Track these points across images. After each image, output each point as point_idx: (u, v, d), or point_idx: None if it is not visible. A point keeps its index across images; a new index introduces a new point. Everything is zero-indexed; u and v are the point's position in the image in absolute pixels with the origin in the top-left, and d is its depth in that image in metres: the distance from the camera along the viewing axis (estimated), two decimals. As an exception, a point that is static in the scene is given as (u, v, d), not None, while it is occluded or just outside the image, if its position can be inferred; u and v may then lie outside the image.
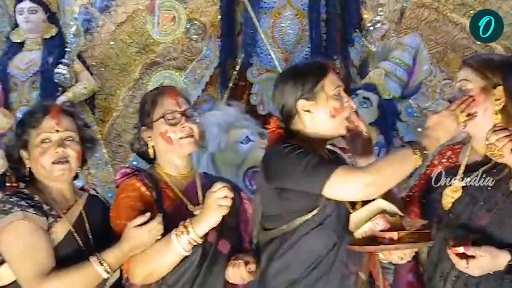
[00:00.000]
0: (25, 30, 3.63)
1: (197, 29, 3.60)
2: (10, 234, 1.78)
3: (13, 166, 1.94)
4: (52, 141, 1.87)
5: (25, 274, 1.78)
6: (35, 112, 1.91)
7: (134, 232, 1.77)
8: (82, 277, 1.79)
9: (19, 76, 3.59)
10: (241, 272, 1.82)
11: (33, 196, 1.85)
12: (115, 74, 4.08)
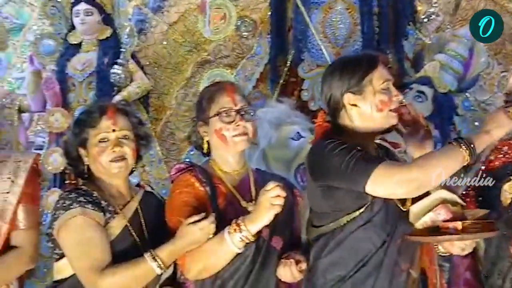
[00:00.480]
0: (81, 31, 3.71)
1: (247, 26, 3.60)
2: (69, 230, 1.84)
3: (72, 163, 2.01)
4: (109, 140, 1.93)
5: (82, 269, 1.83)
6: (93, 112, 1.97)
7: (187, 229, 1.80)
8: (137, 273, 1.82)
9: (76, 76, 3.67)
10: (292, 271, 1.82)
11: (92, 192, 1.91)
12: (168, 73, 4.14)
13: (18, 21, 4.31)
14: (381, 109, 1.77)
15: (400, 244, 1.77)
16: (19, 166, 2.00)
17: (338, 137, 1.77)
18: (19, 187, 1.96)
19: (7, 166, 1.99)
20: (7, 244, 1.95)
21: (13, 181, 1.96)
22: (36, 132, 4.19)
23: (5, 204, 1.94)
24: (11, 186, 1.96)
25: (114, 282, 1.80)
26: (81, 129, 1.96)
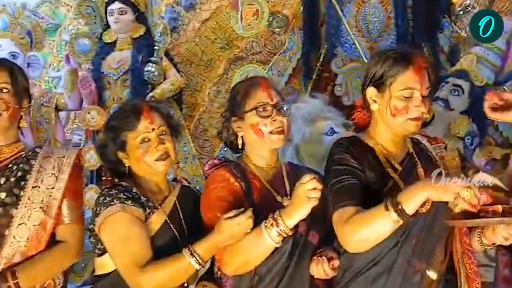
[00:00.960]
0: (115, 30, 3.77)
1: (279, 22, 3.59)
2: (110, 226, 1.87)
3: (111, 166, 2.04)
4: (151, 140, 1.95)
5: (124, 264, 1.86)
6: (128, 115, 1.98)
7: (225, 224, 1.79)
8: (176, 269, 1.83)
9: (111, 74, 3.73)
10: (324, 269, 1.82)
11: (131, 188, 1.94)
12: (200, 70, 4.17)
13: (54, 21, 4.40)
14: (394, 115, 1.77)
15: (415, 245, 1.76)
16: (63, 161, 2.02)
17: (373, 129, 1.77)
18: (63, 183, 1.99)
19: (51, 162, 2.01)
20: (53, 238, 1.98)
21: (57, 176, 1.99)
22: (73, 129, 4.28)
23: (50, 199, 1.97)
24: (56, 182, 1.98)
25: (155, 277, 1.82)
26: (118, 133, 1.97)
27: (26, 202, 1.93)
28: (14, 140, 2.04)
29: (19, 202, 1.93)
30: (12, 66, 2.05)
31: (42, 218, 1.94)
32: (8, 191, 1.94)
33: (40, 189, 1.96)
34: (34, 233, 1.93)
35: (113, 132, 1.98)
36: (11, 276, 1.85)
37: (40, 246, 1.94)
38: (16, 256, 1.90)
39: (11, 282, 1.85)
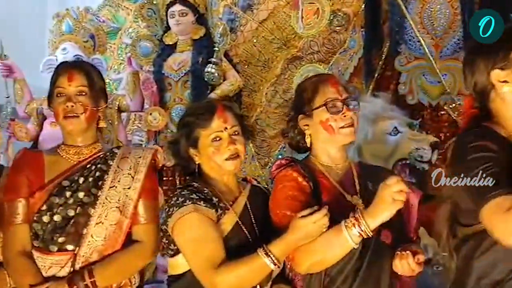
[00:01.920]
0: (176, 32, 3.81)
1: (340, 20, 3.55)
2: (183, 226, 1.86)
3: (183, 163, 2.04)
4: (222, 139, 1.95)
5: (198, 265, 1.85)
6: (202, 113, 1.98)
7: (300, 223, 1.76)
8: (251, 269, 1.81)
9: (172, 76, 3.78)
10: (409, 263, 1.76)
11: (203, 189, 1.93)
12: (258, 70, 4.17)
13: (115, 24, 4.48)
14: None
15: None
16: (139, 162, 2.05)
17: (486, 124, 1.65)
18: (139, 183, 2.01)
19: (128, 162, 2.04)
20: (128, 238, 2.01)
21: (133, 176, 2.01)
22: (133, 131, 4.35)
23: (126, 199, 1.99)
24: (132, 182, 2.01)
25: (230, 278, 1.80)
26: (191, 130, 1.97)
27: (103, 202, 1.97)
28: (93, 141, 2.08)
29: (97, 201, 1.96)
30: (89, 68, 2.09)
31: (119, 217, 1.97)
32: (86, 190, 1.98)
33: (116, 189, 1.99)
34: (111, 233, 1.96)
35: (187, 128, 1.99)
36: (88, 274, 1.89)
37: (117, 245, 1.97)
38: (94, 255, 1.94)
39: (88, 281, 1.88)
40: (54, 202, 1.95)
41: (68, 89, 2.01)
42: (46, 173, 1.99)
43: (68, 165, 2.02)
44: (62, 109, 2.00)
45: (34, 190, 1.96)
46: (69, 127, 2.03)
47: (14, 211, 1.94)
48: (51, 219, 1.93)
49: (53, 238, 1.92)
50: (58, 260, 1.92)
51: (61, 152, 2.06)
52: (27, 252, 1.93)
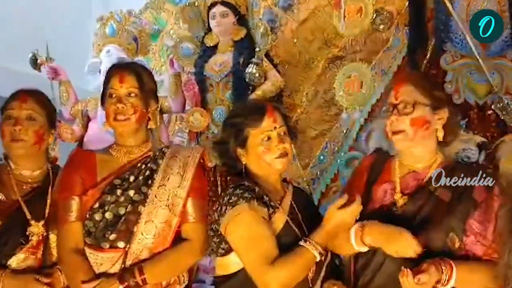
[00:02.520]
0: (217, 33, 3.83)
1: (383, 19, 3.48)
2: (237, 225, 1.88)
3: (230, 163, 2.06)
4: (272, 139, 1.97)
5: (252, 262, 1.86)
6: (252, 113, 2.01)
7: (337, 213, 1.85)
8: (301, 262, 1.85)
9: (213, 77, 3.78)
10: (408, 282, 1.75)
11: (254, 187, 1.95)
12: (298, 71, 4.14)
13: (156, 26, 4.53)
14: None
15: None
16: (188, 161, 2.07)
17: None
18: (187, 182, 2.04)
19: (177, 161, 2.07)
20: (177, 236, 2.03)
21: (182, 175, 2.04)
22: (175, 132, 4.38)
23: (176, 197, 2.02)
24: (181, 181, 2.03)
25: (282, 274, 1.82)
26: (240, 130, 2.00)
27: (153, 200, 2.00)
28: (143, 141, 2.12)
29: (147, 200, 1.99)
30: (140, 70, 2.13)
31: (168, 216, 2.00)
32: (137, 189, 2.01)
33: (166, 187, 2.02)
34: (160, 231, 1.99)
35: (235, 128, 2.01)
36: (138, 272, 1.92)
37: (166, 243, 2.00)
38: (144, 252, 1.97)
39: (139, 278, 1.91)
40: (106, 200, 1.99)
41: (119, 91, 2.05)
42: (98, 171, 2.03)
43: (119, 164, 2.06)
44: (113, 110, 2.04)
45: (87, 188, 2.00)
46: (119, 129, 2.07)
47: (68, 208, 1.99)
48: (103, 217, 1.97)
49: (105, 235, 1.96)
50: (109, 257, 1.96)
51: (113, 151, 2.10)
52: (80, 249, 1.97)
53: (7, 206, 2.05)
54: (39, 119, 2.13)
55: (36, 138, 2.11)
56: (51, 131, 2.18)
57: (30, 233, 2.04)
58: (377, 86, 3.51)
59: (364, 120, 3.64)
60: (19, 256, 2.02)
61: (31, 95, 2.15)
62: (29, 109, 2.11)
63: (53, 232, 2.06)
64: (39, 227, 2.05)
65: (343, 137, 3.72)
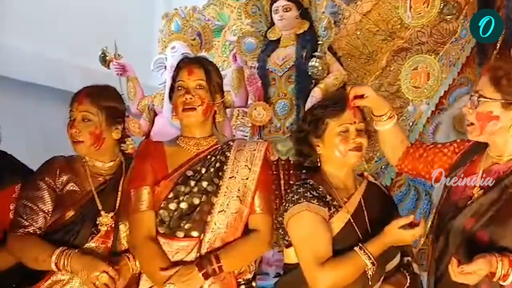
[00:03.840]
0: (280, 27, 3.83)
1: (451, 9, 3.38)
2: (296, 223, 1.94)
3: (305, 152, 2.09)
4: (349, 132, 1.99)
5: (304, 260, 1.93)
6: (334, 104, 2.03)
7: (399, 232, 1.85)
8: (351, 267, 1.88)
9: (276, 71, 3.79)
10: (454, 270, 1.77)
11: (318, 186, 1.98)
12: (361, 63, 4.10)
13: (219, 22, 4.57)
14: None
15: None
16: (254, 154, 2.12)
17: None
18: (255, 174, 2.09)
19: (244, 154, 2.12)
20: (246, 227, 2.09)
21: (250, 168, 2.09)
22: (237, 126, 4.43)
23: (246, 189, 2.07)
24: (249, 173, 2.09)
25: (330, 275, 1.87)
26: (320, 119, 2.03)
27: (225, 191, 2.05)
28: (209, 133, 2.18)
29: (219, 191, 2.05)
30: (208, 64, 2.18)
31: (239, 207, 2.05)
32: (209, 180, 2.06)
33: (236, 179, 2.07)
34: (232, 221, 2.04)
35: (315, 118, 2.05)
36: (215, 259, 1.97)
37: (237, 233, 2.06)
38: (217, 242, 2.02)
39: (216, 265, 1.96)
40: (180, 190, 2.04)
41: (188, 83, 2.11)
42: (168, 162, 2.09)
43: (188, 156, 2.11)
44: (181, 101, 2.10)
45: (158, 179, 2.06)
46: (186, 120, 2.12)
47: (139, 198, 2.04)
48: (178, 207, 2.03)
49: (180, 225, 2.02)
50: (184, 245, 2.02)
51: (181, 143, 2.15)
52: (154, 238, 2.03)
53: (80, 197, 2.13)
54: (95, 119, 2.13)
55: (93, 139, 2.13)
56: (113, 128, 2.19)
57: (100, 223, 2.11)
58: (445, 78, 3.42)
59: (431, 113, 3.55)
60: (90, 245, 2.08)
61: (88, 95, 2.17)
62: (84, 110, 2.14)
63: (123, 223, 2.12)
64: (109, 218, 2.11)
65: (409, 130, 3.65)
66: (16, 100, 4.24)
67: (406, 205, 3.63)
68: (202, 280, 1.95)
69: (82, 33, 4.71)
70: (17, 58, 4.24)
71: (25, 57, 4.33)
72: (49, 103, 4.41)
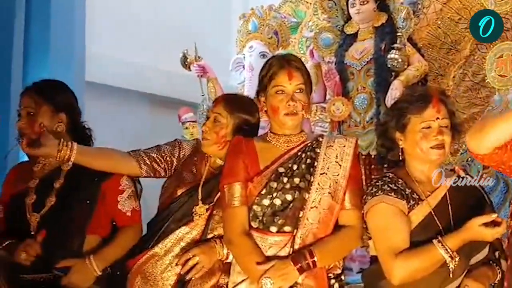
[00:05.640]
0: (357, 21, 3.80)
1: (536, -6, 3.23)
2: (373, 215, 1.99)
3: (387, 145, 2.11)
4: (432, 128, 1.98)
5: (381, 251, 1.96)
6: (417, 100, 2.03)
7: (479, 229, 1.84)
8: (427, 260, 1.88)
9: (354, 65, 3.77)
10: None
11: (397, 180, 2.00)
12: (443, 53, 3.98)
13: (295, 19, 4.58)
14: None
15: None
16: (344, 150, 2.14)
17: None
18: (346, 171, 2.11)
19: (333, 151, 2.14)
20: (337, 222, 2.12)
21: (340, 164, 2.11)
22: (315, 122, 4.43)
23: (336, 185, 2.10)
24: (339, 169, 2.11)
25: (406, 266, 1.89)
26: (402, 115, 2.03)
27: (317, 188, 2.09)
28: (299, 130, 2.21)
29: (311, 187, 2.09)
30: (302, 65, 2.22)
31: (331, 203, 2.08)
32: (301, 176, 2.10)
33: (327, 175, 2.10)
34: (324, 217, 2.08)
35: (398, 112, 2.05)
36: (309, 254, 2.01)
37: (328, 229, 2.09)
38: (309, 237, 2.06)
39: (310, 260, 2.00)
40: (272, 187, 2.10)
41: (288, 87, 2.14)
42: (260, 158, 2.15)
43: (279, 152, 2.16)
44: (284, 106, 2.13)
45: (251, 175, 2.13)
46: (288, 123, 2.16)
47: (232, 194, 2.11)
48: (271, 203, 2.08)
49: (274, 220, 2.07)
50: (277, 240, 2.07)
51: (271, 140, 2.19)
52: (248, 232, 2.09)
53: (193, 180, 2.29)
54: (223, 121, 2.29)
55: (217, 139, 2.28)
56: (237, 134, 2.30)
57: (194, 211, 2.23)
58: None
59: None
60: (185, 228, 2.22)
61: (224, 100, 2.35)
62: (217, 112, 2.31)
63: (218, 214, 2.23)
64: (203, 208, 2.23)
65: (496, 120, 3.50)
66: (107, 104, 4.48)
67: (494, 198, 3.50)
68: (297, 274, 1.99)
69: (164, 38, 4.90)
70: (106, 65, 4.47)
71: (113, 64, 4.56)
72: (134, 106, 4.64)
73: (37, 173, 2.27)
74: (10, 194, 2.23)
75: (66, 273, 2.15)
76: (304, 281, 2.03)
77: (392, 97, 3.50)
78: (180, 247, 2.20)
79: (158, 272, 2.18)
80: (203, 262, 2.14)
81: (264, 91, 2.19)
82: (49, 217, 2.17)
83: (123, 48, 4.71)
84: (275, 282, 1.97)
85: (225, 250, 2.17)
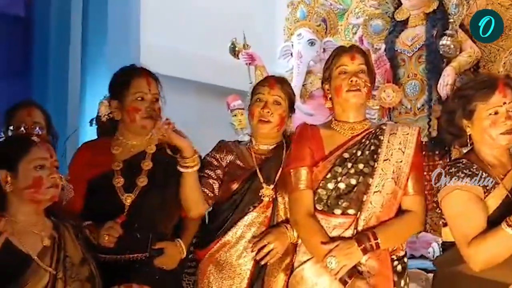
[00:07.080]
0: (408, 7, 3.79)
1: None
2: (448, 202, 1.98)
3: (454, 132, 2.12)
4: (499, 114, 1.99)
5: (457, 238, 1.97)
6: (483, 87, 2.03)
7: None
8: (498, 242, 1.87)
9: (405, 52, 3.76)
10: None
11: (472, 165, 1.99)
12: (494, 40, 3.93)
13: (341, 6, 4.57)
14: None
15: None
16: (407, 138, 2.20)
17: None
18: (409, 157, 2.17)
19: (397, 138, 2.20)
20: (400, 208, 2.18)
21: (403, 151, 2.17)
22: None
23: (399, 171, 2.16)
24: (403, 156, 2.17)
25: (481, 250, 1.89)
26: (469, 102, 2.04)
27: (380, 173, 2.15)
28: (362, 118, 2.29)
29: (374, 172, 2.15)
30: (364, 50, 2.30)
31: (394, 188, 2.14)
32: (365, 162, 2.17)
33: (390, 162, 2.16)
34: (387, 201, 2.14)
35: (464, 99, 2.06)
36: (372, 236, 2.08)
37: (391, 213, 2.15)
38: (372, 220, 2.13)
39: (373, 242, 2.07)
40: (337, 171, 2.17)
41: (351, 67, 2.23)
42: (325, 144, 2.22)
43: (343, 139, 2.23)
44: (346, 83, 2.21)
45: (317, 160, 2.20)
46: (352, 99, 2.23)
47: (298, 177, 2.20)
48: (335, 186, 2.16)
49: (338, 203, 2.15)
50: (341, 222, 2.14)
51: (336, 127, 2.28)
52: (313, 214, 2.17)
53: (244, 172, 2.36)
54: (284, 104, 2.38)
55: (279, 121, 2.36)
56: (290, 114, 2.43)
57: (262, 195, 2.31)
58: None
59: None
60: (253, 213, 2.29)
61: (278, 82, 2.42)
62: (275, 94, 2.37)
63: (281, 195, 2.31)
64: (270, 190, 2.31)
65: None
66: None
67: None
68: (361, 254, 2.06)
69: (212, 27, 4.95)
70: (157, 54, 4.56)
71: (164, 52, 4.64)
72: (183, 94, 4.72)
73: (119, 156, 2.31)
74: (89, 176, 2.28)
75: (158, 254, 2.23)
76: (367, 261, 2.09)
77: (445, 83, 3.50)
78: (251, 232, 2.28)
79: (234, 258, 2.27)
80: (277, 248, 2.22)
81: (328, 79, 2.27)
82: (142, 197, 2.24)
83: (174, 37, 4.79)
84: (340, 261, 2.03)
85: (295, 233, 2.24)
